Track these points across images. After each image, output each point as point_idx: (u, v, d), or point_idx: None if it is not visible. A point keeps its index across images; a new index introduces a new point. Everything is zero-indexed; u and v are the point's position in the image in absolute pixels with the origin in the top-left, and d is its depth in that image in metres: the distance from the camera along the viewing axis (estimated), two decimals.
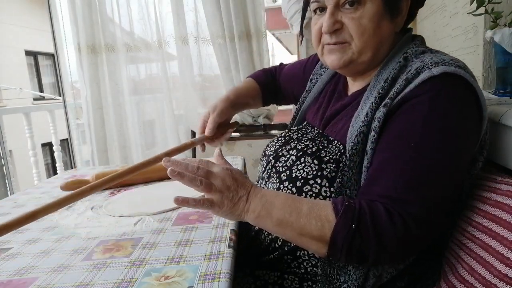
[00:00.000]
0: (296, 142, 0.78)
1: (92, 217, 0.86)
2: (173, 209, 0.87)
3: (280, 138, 0.84)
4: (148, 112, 2.30)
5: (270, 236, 0.76)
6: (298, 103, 0.95)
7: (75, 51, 2.12)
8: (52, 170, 7.53)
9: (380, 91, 0.63)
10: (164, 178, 1.16)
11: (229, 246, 0.67)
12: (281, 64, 1.13)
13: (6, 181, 2.69)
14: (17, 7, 7.94)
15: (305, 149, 0.74)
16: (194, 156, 2.23)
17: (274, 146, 0.82)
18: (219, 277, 0.56)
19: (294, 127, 0.91)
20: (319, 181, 0.68)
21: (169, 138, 2.25)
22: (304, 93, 0.94)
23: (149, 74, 2.28)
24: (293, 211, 0.60)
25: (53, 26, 2.26)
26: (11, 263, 0.66)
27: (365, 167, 0.63)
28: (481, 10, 1.01)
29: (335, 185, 0.66)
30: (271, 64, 2.06)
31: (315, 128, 0.84)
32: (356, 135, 0.64)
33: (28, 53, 8.25)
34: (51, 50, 2.36)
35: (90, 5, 2.05)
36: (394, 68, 0.64)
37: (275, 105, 2.26)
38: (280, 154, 0.78)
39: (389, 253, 0.57)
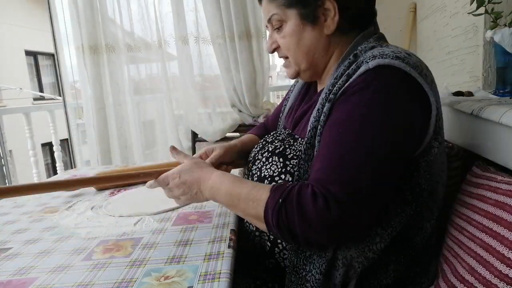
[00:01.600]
0: (268, 145, 0.82)
1: (92, 217, 0.86)
2: (173, 209, 0.87)
3: (259, 144, 0.88)
4: (148, 112, 2.30)
5: (270, 240, 0.76)
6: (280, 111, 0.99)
7: (76, 51, 2.12)
8: (52, 170, 7.53)
9: (330, 88, 0.67)
10: None
11: (229, 246, 0.67)
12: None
13: (6, 181, 2.69)
14: (17, 7, 7.94)
15: (274, 149, 0.78)
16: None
17: (254, 152, 0.86)
18: (219, 277, 0.56)
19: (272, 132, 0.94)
20: (283, 177, 0.73)
21: (169, 138, 2.25)
22: (283, 101, 0.99)
23: (149, 74, 2.28)
24: (234, 198, 0.66)
25: (53, 26, 2.26)
26: (11, 263, 0.66)
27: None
28: (481, 10, 1.01)
29: (295, 178, 0.70)
30: (271, 64, 2.08)
31: (287, 129, 0.87)
32: (309, 130, 0.68)
33: (28, 53, 8.25)
34: (51, 50, 2.36)
35: (91, 6, 2.05)
36: (345, 65, 0.67)
37: (275, 105, 2.28)
38: (256, 158, 0.82)
39: (314, 231, 0.57)
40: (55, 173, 5.27)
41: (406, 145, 0.61)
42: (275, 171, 0.74)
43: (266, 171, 0.76)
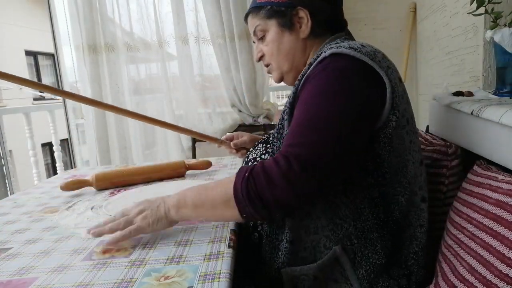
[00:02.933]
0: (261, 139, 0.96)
1: (92, 217, 0.86)
2: None
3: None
4: (148, 112, 2.29)
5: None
6: None
7: (75, 51, 2.12)
8: (52, 170, 7.53)
9: (299, 78, 0.76)
10: (164, 178, 1.16)
11: (229, 246, 0.67)
12: None
13: (6, 181, 2.69)
14: (17, 7, 7.95)
15: (262, 140, 0.93)
16: (194, 156, 2.23)
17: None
18: (219, 277, 0.56)
19: None
20: (263, 157, 0.88)
21: (169, 138, 2.25)
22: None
23: (149, 74, 2.28)
24: (202, 191, 0.71)
25: (53, 26, 2.26)
26: (11, 263, 0.66)
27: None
28: (481, 10, 1.01)
29: (270, 156, 0.83)
30: None
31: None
32: (281, 114, 0.79)
33: (28, 53, 8.26)
34: (51, 50, 2.36)
35: (90, 5, 2.05)
36: (312, 62, 0.76)
37: (275, 105, 2.28)
38: (251, 150, 0.96)
39: (280, 189, 0.61)
40: (55, 173, 5.27)
41: (364, 116, 0.67)
42: (258, 154, 0.89)
43: (250, 155, 0.92)
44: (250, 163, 0.87)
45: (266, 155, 0.87)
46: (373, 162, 0.70)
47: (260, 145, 0.91)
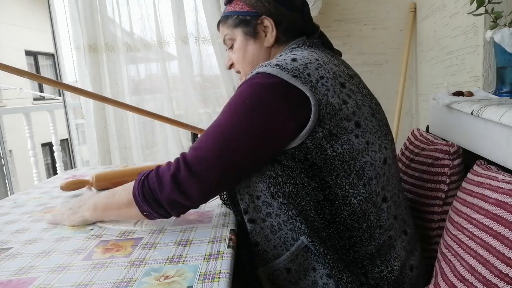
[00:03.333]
0: None
1: None
2: None
3: None
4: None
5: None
6: None
7: (76, 51, 2.12)
8: (52, 170, 7.54)
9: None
10: None
11: (228, 246, 0.67)
12: None
13: (6, 181, 2.69)
14: (17, 7, 7.95)
15: None
16: None
17: None
18: (219, 277, 0.56)
19: None
20: None
21: (169, 138, 2.25)
22: None
23: (149, 74, 2.28)
24: (110, 195, 0.80)
25: (53, 26, 2.26)
26: (11, 263, 0.66)
27: None
28: (481, 10, 1.01)
29: None
30: None
31: None
32: None
33: (28, 53, 8.26)
34: (51, 50, 2.36)
35: (91, 5, 2.05)
36: None
37: None
38: None
39: (168, 189, 0.69)
40: (55, 173, 5.27)
41: (264, 134, 0.70)
42: None
43: None
44: None
45: None
46: (311, 169, 0.72)
47: None
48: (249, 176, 0.73)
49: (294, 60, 0.73)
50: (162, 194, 0.70)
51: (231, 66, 0.97)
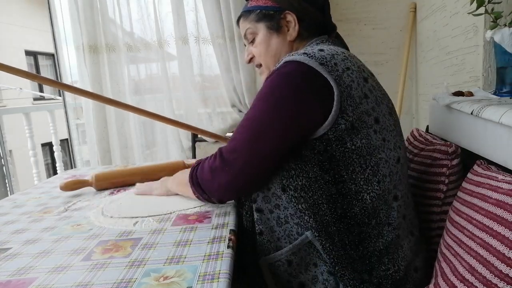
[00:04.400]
0: None
1: (92, 217, 0.86)
2: (171, 213, 0.87)
3: None
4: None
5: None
6: None
7: (76, 51, 2.12)
8: (52, 170, 7.54)
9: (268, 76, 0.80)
10: None
11: (228, 247, 0.66)
12: None
13: (6, 181, 2.69)
14: (17, 7, 7.95)
15: None
16: (194, 156, 2.23)
17: None
18: (218, 277, 0.56)
19: None
20: None
21: (169, 138, 2.25)
22: None
23: (149, 74, 2.28)
24: (180, 174, 0.93)
25: (53, 26, 2.26)
26: (10, 263, 0.66)
27: None
28: (481, 10, 1.01)
29: None
30: None
31: None
32: None
33: (28, 53, 8.26)
34: (51, 50, 2.36)
35: (91, 5, 2.05)
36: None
37: None
38: None
39: (207, 179, 0.79)
40: (55, 173, 5.27)
41: (294, 122, 0.72)
42: None
43: None
44: None
45: None
46: (329, 162, 0.72)
47: None
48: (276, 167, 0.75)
49: (321, 50, 0.75)
50: (202, 181, 0.80)
51: (250, 60, 0.98)
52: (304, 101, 0.71)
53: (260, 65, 0.97)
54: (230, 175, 0.74)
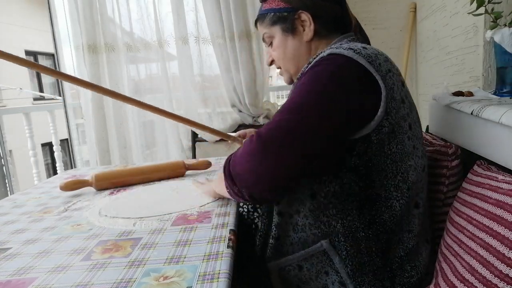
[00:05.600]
0: None
1: (92, 217, 0.86)
2: (171, 213, 0.87)
3: None
4: (148, 112, 2.28)
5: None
6: None
7: (75, 51, 2.12)
8: (52, 170, 7.54)
9: (298, 76, 0.77)
10: (163, 178, 1.16)
11: (228, 246, 0.66)
12: None
13: (6, 181, 2.69)
14: (17, 7, 7.95)
15: None
16: (194, 156, 2.23)
17: None
18: (218, 277, 0.56)
19: None
20: None
21: (169, 138, 2.25)
22: None
23: (149, 74, 2.28)
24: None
25: (53, 26, 2.26)
26: (10, 263, 0.66)
27: None
28: (481, 10, 1.01)
29: None
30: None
31: None
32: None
33: (28, 53, 8.25)
34: (51, 50, 2.35)
35: (91, 5, 2.05)
36: (311, 61, 0.77)
37: (275, 105, 2.28)
38: None
39: (240, 164, 0.67)
40: (55, 173, 5.27)
41: (341, 120, 0.66)
42: None
43: None
44: None
45: None
46: (365, 166, 0.70)
47: None
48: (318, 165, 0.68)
49: (365, 48, 0.72)
50: (234, 168, 0.68)
51: (271, 62, 0.97)
52: (353, 95, 0.67)
53: (279, 68, 0.95)
54: (269, 160, 0.63)
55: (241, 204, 1.01)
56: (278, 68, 0.96)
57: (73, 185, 1.07)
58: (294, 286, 0.75)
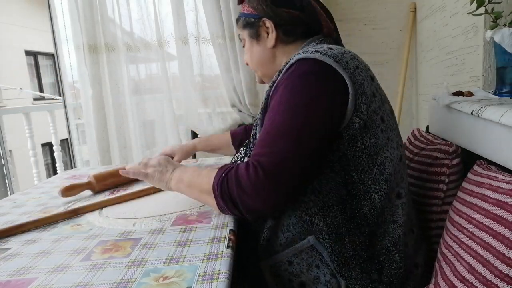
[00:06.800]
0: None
1: (91, 217, 0.86)
2: (171, 213, 0.87)
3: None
4: (148, 112, 2.29)
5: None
6: None
7: (76, 50, 2.12)
8: (52, 170, 7.53)
9: (271, 84, 0.80)
10: None
11: (228, 247, 0.66)
12: None
13: (6, 181, 2.69)
14: (17, 7, 7.94)
15: (244, 143, 0.95)
16: (194, 156, 2.23)
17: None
18: (218, 278, 0.56)
19: None
20: (243, 160, 0.89)
21: (169, 138, 2.25)
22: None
23: (149, 74, 2.28)
24: (196, 174, 0.80)
25: (53, 26, 2.25)
26: (10, 263, 0.66)
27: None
28: (481, 10, 1.01)
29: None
30: None
31: None
32: (255, 120, 0.85)
33: (28, 53, 8.25)
34: (51, 50, 2.35)
35: (91, 5, 2.05)
36: (282, 69, 0.79)
37: None
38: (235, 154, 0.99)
39: (248, 196, 0.67)
40: (55, 173, 5.27)
41: (326, 121, 0.70)
42: (238, 157, 0.92)
43: (233, 158, 0.96)
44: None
45: (246, 158, 0.89)
46: (339, 162, 0.72)
47: (241, 149, 0.94)
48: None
49: (330, 48, 0.74)
50: (242, 200, 0.68)
51: (248, 63, 1.00)
52: (328, 98, 0.70)
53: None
54: (282, 191, 0.67)
55: None
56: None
57: (72, 191, 1.04)
58: (286, 280, 0.76)
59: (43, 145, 6.42)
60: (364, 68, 0.75)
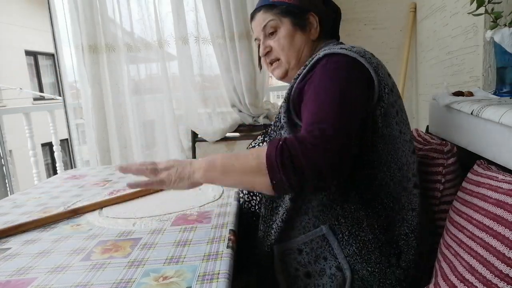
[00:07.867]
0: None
1: (91, 217, 0.86)
2: (170, 213, 0.87)
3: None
4: (148, 112, 2.29)
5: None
6: None
7: (76, 50, 2.12)
8: (52, 170, 7.53)
9: (295, 77, 0.82)
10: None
11: (227, 247, 0.66)
12: None
13: (6, 181, 2.69)
14: (17, 7, 7.94)
15: (262, 132, 1.00)
16: (194, 156, 2.23)
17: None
18: (218, 278, 0.56)
19: None
20: (261, 145, 0.95)
21: (169, 138, 2.25)
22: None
23: (149, 74, 2.28)
24: (232, 157, 0.71)
25: (53, 26, 2.25)
26: (10, 263, 0.66)
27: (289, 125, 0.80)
28: (481, 10, 1.01)
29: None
30: None
31: None
32: (279, 108, 0.83)
33: (28, 53, 8.24)
34: (51, 50, 2.35)
35: (91, 5, 2.05)
36: (307, 63, 0.82)
37: (275, 105, 2.28)
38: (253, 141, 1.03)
39: (314, 149, 0.63)
40: (55, 173, 5.26)
41: (363, 102, 0.74)
42: (256, 143, 0.96)
43: (250, 146, 0.99)
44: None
45: (264, 143, 0.95)
46: (359, 147, 0.74)
47: (259, 137, 0.99)
48: None
49: (353, 47, 0.80)
50: (307, 157, 0.63)
51: (267, 53, 0.97)
52: (361, 84, 0.74)
53: (275, 60, 0.96)
54: (343, 147, 0.65)
55: (240, 194, 1.00)
56: (272, 61, 0.97)
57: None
58: (293, 269, 0.77)
59: (43, 145, 6.41)
60: (382, 65, 0.81)
